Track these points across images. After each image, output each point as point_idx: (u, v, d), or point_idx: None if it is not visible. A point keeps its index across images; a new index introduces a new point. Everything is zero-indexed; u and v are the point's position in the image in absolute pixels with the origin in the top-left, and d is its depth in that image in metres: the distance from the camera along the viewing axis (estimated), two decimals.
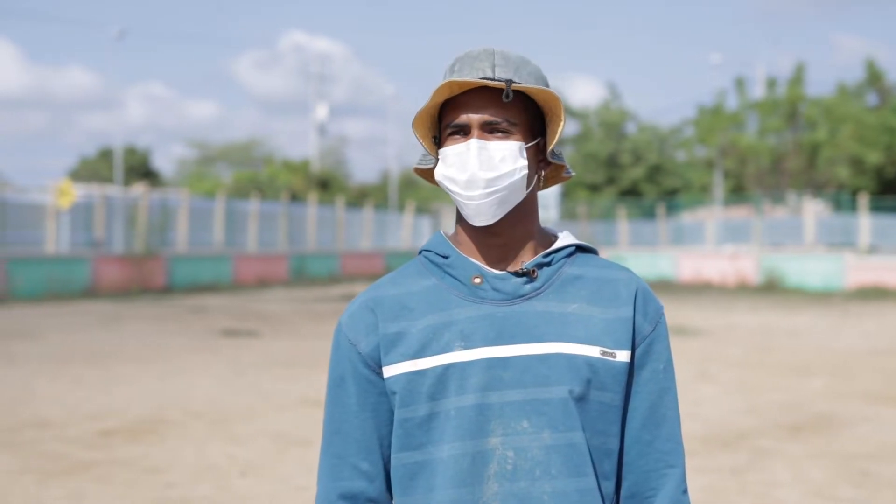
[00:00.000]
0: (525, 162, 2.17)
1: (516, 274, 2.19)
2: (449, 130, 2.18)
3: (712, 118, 58.53)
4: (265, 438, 9.96)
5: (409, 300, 2.21)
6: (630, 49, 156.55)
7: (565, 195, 62.43)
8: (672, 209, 52.73)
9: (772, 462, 9.07)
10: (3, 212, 30.55)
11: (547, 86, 2.23)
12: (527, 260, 2.22)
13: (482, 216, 2.16)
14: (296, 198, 50.45)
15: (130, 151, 65.74)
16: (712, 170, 58.99)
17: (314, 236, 43.60)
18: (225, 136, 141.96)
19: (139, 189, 36.33)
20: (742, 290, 35.25)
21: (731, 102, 61.07)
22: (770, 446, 9.71)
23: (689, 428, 10.51)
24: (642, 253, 43.06)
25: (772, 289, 35.42)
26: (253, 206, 40.59)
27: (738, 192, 58.38)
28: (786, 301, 30.40)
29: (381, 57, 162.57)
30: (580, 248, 2.30)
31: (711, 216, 48.23)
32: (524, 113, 2.19)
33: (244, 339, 18.41)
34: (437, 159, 2.22)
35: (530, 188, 2.22)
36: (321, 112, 76.02)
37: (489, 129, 2.15)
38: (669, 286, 37.18)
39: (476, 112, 2.15)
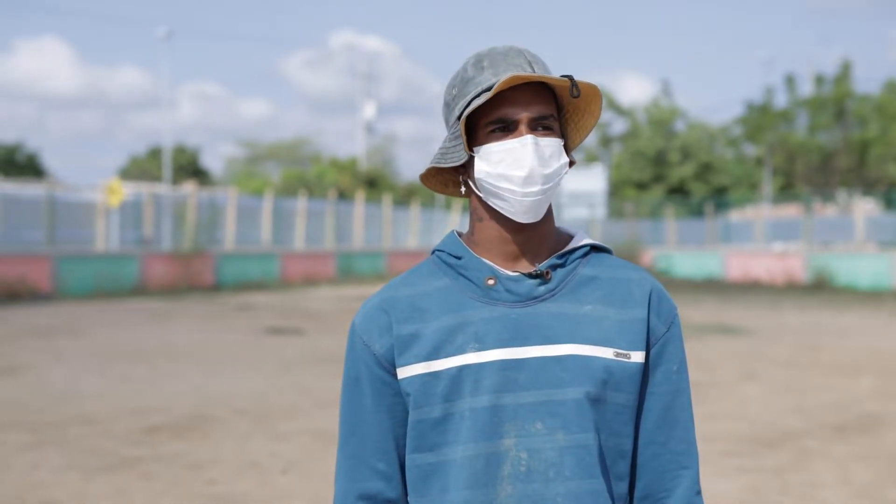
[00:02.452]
0: (567, 158, 2.19)
1: (530, 275, 2.18)
2: (491, 127, 2.14)
3: (761, 115, 58.11)
4: (308, 436, 10.00)
5: (422, 301, 2.20)
6: (678, 47, 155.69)
7: (613, 193, 62.25)
8: (720, 207, 52.40)
9: (816, 462, 8.99)
10: (54, 210, 30.88)
11: None
12: (542, 260, 2.21)
13: (531, 213, 2.15)
14: (343, 196, 50.63)
15: (180, 150, 66.23)
16: (761, 167, 58.58)
17: (361, 234, 43.74)
18: (275, 135, 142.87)
19: (188, 187, 36.60)
20: (791, 289, 34.94)
21: (781, 100, 60.65)
22: (815, 447, 9.63)
23: (734, 428, 10.45)
24: (690, 252, 42.82)
25: (821, 288, 35.09)
26: (300, 204, 40.78)
27: (787, 190, 57.94)
28: (835, 300, 30.11)
29: (429, 55, 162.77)
30: (595, 248, 2.29)
31: (760, 214, 47.85)
32: (555, 110, 2.19)
33: (289, 337, 18.49)
34: (470, 157, 2.18)
35: None
36: (369, 110, 76.19)
37: (535, 126, 2.14)
38: (717, 285, 36.96)
39: (524, 108, 2.13)
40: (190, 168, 65.33)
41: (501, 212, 2.17)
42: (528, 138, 2.12)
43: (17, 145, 56.84)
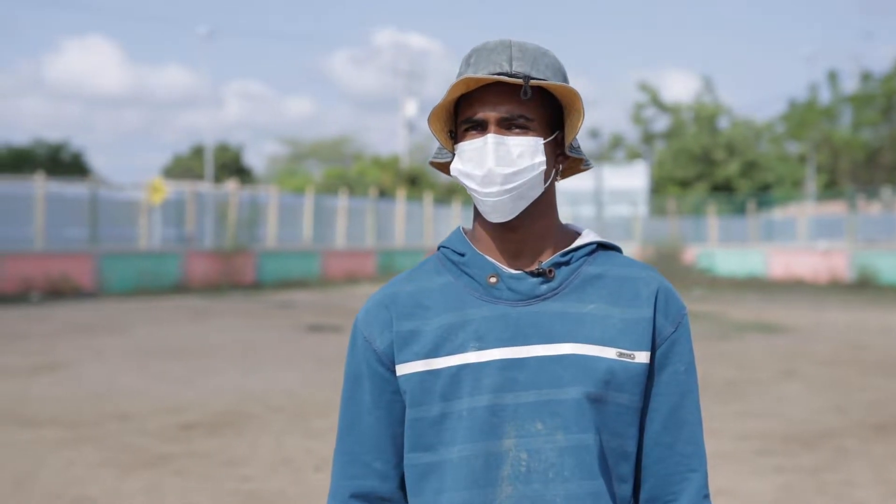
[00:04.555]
0: (543, 158, 2.13)
1: (532, 274, 2.15)
2: (465, 126, 2.14)
3: (804, 112, 57.63)
4: None
5: (424, 298, 2.19)
6: (721, 44, 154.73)
7: (655, 191, 61.96)
8: (763, 205, 52.01)
9: (854, 462, 8.89)
10: (97, 208, 31.12)
11: (565, 78, 2.18)
12: (545, 258, 2.18)
13: (499, 212, 2.12)
14: (384, 194, 50.68)
15: (223, 148, 66.55)
16: (805, 165, 58.10)
17: (402, 232, 43.80)
18: (319, 133, 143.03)
19: (230, 186, 36.78)
20: (834, 287, 34.64)
21: (824, 96, 60.12)
22: (853, 446, 9.52)
23: (771, 426, 10.37)
24: (732, 249, 42.54)
25: (865, 286, 34.75)
26: (341, 202, 40.88)
27: (831, 188, 57.43)
28: (879, 298, 29.83)
29: None
30: (603, 246, 2.25)
31: (803, 212, 47.46)
32: (542, 107, 2.14)
33: (328, 335, 18.53)
34: (453, 154, 2.19)
35: (548, 183, 2.18)
36: (410, 108, 76.21)
37: (506, 125, 2.11)
38: (760, 283, 36.72)
39: (493, 108, 2.11)
40: (232, 166, 65.60)
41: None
42: (490, 137, 2.09)
43: (62, 144, 57.22)
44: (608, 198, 55.76)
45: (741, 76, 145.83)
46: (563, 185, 58.10)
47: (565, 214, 50.67)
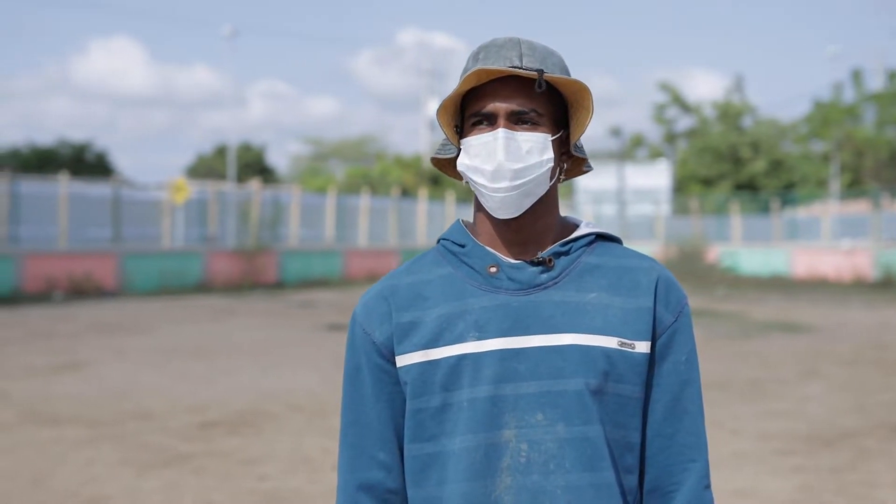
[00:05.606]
0: (552, 154, 2.12)
1: (532, 263, 2.14)
2: (473, 119, 2.13)
3: (828, 111, 57.36)
4: None
5: (423, 289, 2.18)
6: (745, 43, 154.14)
7: (678, 190, 61.78)
8: (787, 204, 51.78)
9: (875, 462, 8.83)
10: (120, 208, 31.25)
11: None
12: (545, 249, 2.17)
13: (506, 209, 2.11)
14: (406, 194, 50.73)
15: (245, 148, 66.69)
16: (828, 163, 57.84)
17: (424, 231, 43.81)
18: (342, 133, 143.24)
19: (252, 185, 36.87)
20: (858, 287, 34.44)
21: (848, 95, 59.80)
22: (874, 446, 9.46)
23: (792, 426, 10.31)
24: (756, 248, 42.37)
25: (889, 285, 34.52)
26: (363, 201, 40.94)
27: (855, 186, 57.12)
28: None
29: None
30: (603, 237, 2.24)
31: (827, 211, 47.20)
32: (550, 104, 2.14)
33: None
34: (459, 149, 2.18)
35: (553, 181, 2.17)
36: (433, 108, 76.19)
37: (516, 120, 2.10)
38: (783, 282, 36.55)
39: (504, 101, 2.10)
40: (255, 166, 65.72)
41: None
42: (500, 132, 2.08)
43: (87, 144, 57.44)
44: (631, 197, 55.62)
45: (766, 75, 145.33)
46: (586, 184, 57.95)
47: (588, 213, 50.67)
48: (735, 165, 62.77)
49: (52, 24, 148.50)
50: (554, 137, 2.14)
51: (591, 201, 55.39)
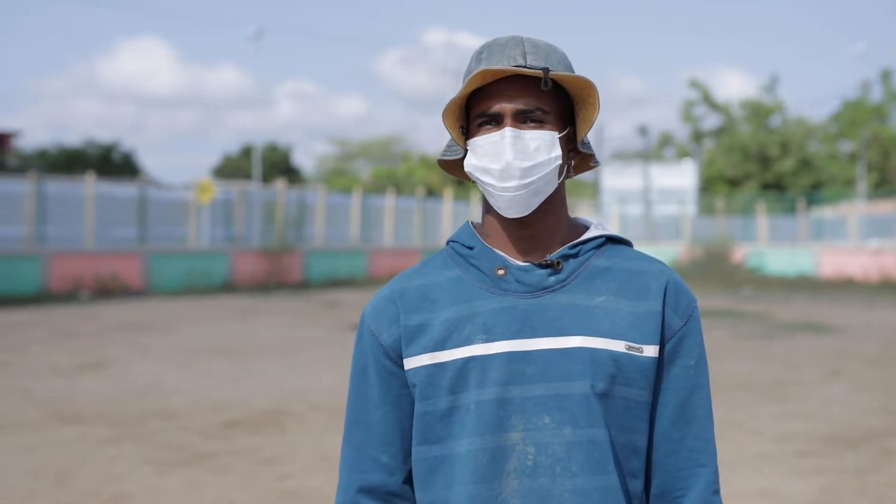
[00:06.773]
0: (559, 151, 2.11)
1: (540, 265, 2.13)
2: (480, 120, 2.12)
3: (855, 110, 57.04)
4: None
5: (432, 291, 2.17)
6: (773, 43, 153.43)
7: (704, 190, 61.57)
8: (813, 204, 51.54)
9: None
10: (146, 208, 31.40)
11: None
12: (553, 251, 2.17)
13: (516, 207, 2.11)
14: (431, 194, 50.76)
15: (271, 148, 66.91)
16: (855, 163, 57.51)
17: (448, 231, 43.82)
18: (369, 133, 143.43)
19: (278, 185, 36.97)
20: (885, 287, 34.25)
21: (876, 94, 59.45)
22: None
23: (815, 427, 10.27)
24: (782, 248, 42.19)
25: None
26: (388, 201, 41.00)
27: (882, 186, 56.79)
28: None
29: None
30: (612, 240, 2.23)
31: (854, 211, 46.95)
32: (556, 101, 2.13)
33: None
34: (466, 150, 2.17)
35: (562, 178, 2.17)
36: None
37: (522, 119, 2.09)
38: (809, 283, 36.38)
39: (509, 101, 2.09)
40: (281, 166, 65.92)
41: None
42: (507, 131, 2.07)
43: (113, 144, 57.74)
44: (657, 197, 55.46)
45: (795, 75, 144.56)
46: (612, 184, 57.77)
47: (613, 214, 50.57)
48: (762, 165, 62.50)
49: (79, 25, 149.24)
50: (561, 135, 2.14)
51: (616, 201, 55.28)
